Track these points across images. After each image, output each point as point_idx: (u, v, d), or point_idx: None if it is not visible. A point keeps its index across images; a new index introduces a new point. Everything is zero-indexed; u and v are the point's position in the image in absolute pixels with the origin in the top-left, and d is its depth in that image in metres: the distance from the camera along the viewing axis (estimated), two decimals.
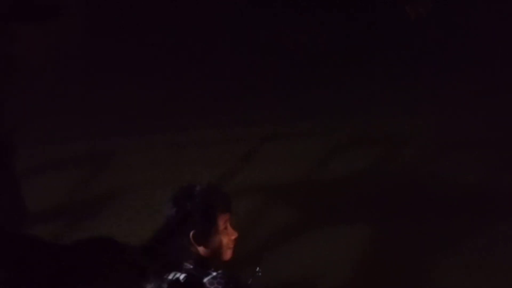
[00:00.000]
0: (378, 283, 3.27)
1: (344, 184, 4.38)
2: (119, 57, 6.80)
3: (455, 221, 3.81)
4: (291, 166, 4.71)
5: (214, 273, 1.82)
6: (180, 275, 1.81)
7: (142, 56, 7.06)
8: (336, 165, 4.76)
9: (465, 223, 3.81)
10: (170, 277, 1.82)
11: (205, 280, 1.80)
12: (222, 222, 1.96)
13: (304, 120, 5.67)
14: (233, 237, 1.98)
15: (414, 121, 5.54)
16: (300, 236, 3.72)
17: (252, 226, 3.81)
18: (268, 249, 3.49)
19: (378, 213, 3.94)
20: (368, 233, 3.69)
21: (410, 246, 3.58)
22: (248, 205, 3.96)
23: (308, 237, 3.69)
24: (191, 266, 1.86)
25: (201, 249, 1.93)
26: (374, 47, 7.36)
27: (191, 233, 1.91)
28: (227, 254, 1.98)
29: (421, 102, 5.90)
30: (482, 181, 4.35)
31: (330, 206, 4.05)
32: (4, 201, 1.00)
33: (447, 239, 3.65)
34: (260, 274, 2.06)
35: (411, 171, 4.69)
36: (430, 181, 4.44)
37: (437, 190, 4.28)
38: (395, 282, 3.24)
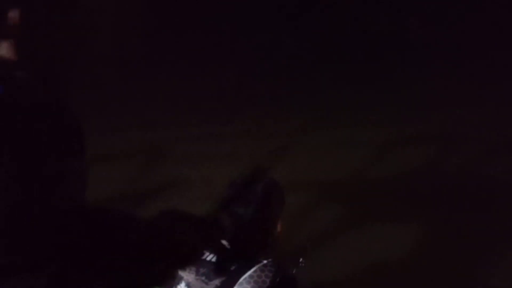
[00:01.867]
0: (427, 282, 3.23)
1: (395, 181, 4.34)
2: (178, 51, 6.87)
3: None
4: (341, 161, 4.69)
5: (265, 261, 1.84)
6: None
7: (200, 50, 7.12)
8: (388, 162, 4.73)
9: None
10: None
11: (256, 267, 1.82)
12: None
13: (357, 114, 5.58)
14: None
15: (471, 119, 5.40)
16: (348, 232, 3.71)
17: (303, 220, 3.82)
18: (315, 243, 3.49)
19: (429, 211, 3.88)
20: (418, 231, 3.64)
21: (463, 245, 3.51)
22: (299, 199, 3.97)
23: (356, 234, 3.67)
24: None
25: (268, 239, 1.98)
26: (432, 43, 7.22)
27: (278, 224, 1.97)
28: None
29: (480, 98, 5.74)
30: None
31: (380, 203, 4.01)
32: (69, 187, 1.04)
33: (503, 240, 3.57)
34: (303, 265, 2.08)
35: (466, 169, 4.60)
36: (486, 180, 4.35)
37: (493, 189, 4.19)
38: (446, 279, 3.19)
